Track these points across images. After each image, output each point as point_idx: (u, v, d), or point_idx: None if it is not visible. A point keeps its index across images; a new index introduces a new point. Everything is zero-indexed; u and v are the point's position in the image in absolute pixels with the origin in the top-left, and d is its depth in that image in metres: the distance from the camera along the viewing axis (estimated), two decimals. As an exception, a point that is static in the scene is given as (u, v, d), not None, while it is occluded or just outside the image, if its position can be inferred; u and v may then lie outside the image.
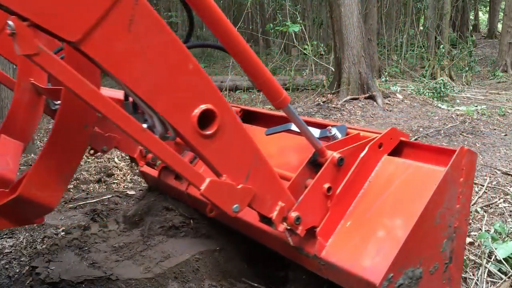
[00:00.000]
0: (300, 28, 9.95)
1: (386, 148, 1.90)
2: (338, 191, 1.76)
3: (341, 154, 1.78)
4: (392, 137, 1.91)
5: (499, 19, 22.58)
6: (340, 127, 2.04)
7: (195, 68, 1.33)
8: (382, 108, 7.83)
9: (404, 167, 1.81)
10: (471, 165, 1.75)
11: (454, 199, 1.72)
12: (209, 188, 1.42)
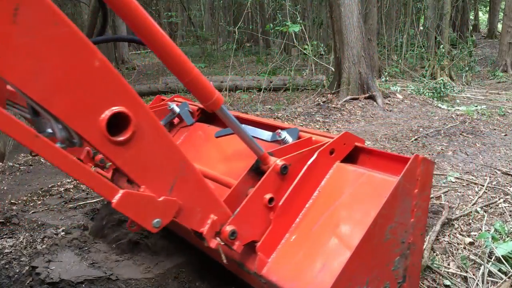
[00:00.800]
0: (300, 28, 9.94)
1: (339, 154, 1.75)
2: (281, 202, 1.60)
3: (286, 161, 1.61)
4: (345, 142, 1.77)
5: (499, 19, 22.57)
6: (292, 130, 1.91)
7: (102, 66, 1.18)
8: (382, 108, 7.83)
9: (355, 176, 1.65)
10: (427, 175, 1.59)
11: (408, 213, 1.56)
12: (122, 201, 1.25)
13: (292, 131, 1.91)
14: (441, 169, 4.78)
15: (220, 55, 18.49)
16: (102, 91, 1.19)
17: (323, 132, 1.90)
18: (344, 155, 1.77)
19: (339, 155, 1.76)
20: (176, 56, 1.31)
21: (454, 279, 2.67)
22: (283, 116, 7.46)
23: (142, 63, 19.22)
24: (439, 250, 3.01)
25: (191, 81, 1.37)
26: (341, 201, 1.61)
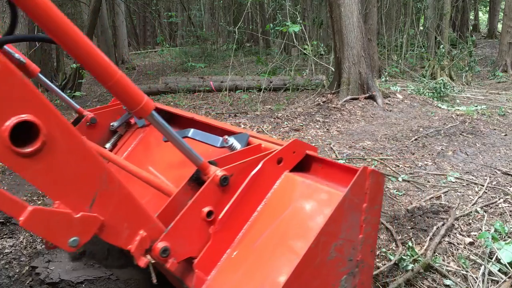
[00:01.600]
0: (300, 28, 9.94)
1: (288, 163, 1.62)
2: (221, 216, 1.48)
3: (227, 172, 1.48)
4: (295, 150, 1.63)
5: (499, 19, 22.57)
6: (241, 136, 1.78)
7: (4, 70, 1.03)
8: (382, 108, 7.82)
9: (302, 188, 1.54)
10: (377, 188, 1.49)
11: (356, 228, 1.46)
12: (30, 219, 1.12)
13: (241, 137, 1.78)
14: (441, 169, 4.78)
15: (220, 55, 18.49)
16: (4, 97, 1.05)
17: (275, 139, 1.79)
18: (294, 164, 1.64)
19: (288, 164, 1.63)
20: (95, 57, 1.20)
21: (454, 279, 2.67)
22: (283, 116, 7.46)
23: (142, 63, 19.23)
24: (439, 250, 3.01)
25: (115, 85, 1.26)
26: (286, 214, 1.50)
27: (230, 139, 1.76)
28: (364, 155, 5.35)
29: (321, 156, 1.64)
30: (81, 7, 16.32)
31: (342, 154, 5.40)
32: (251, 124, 7.11)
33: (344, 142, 6.03)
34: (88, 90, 13.59)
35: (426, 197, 4.00)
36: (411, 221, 3.44)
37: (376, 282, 2.66)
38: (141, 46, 25.79)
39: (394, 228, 3.33)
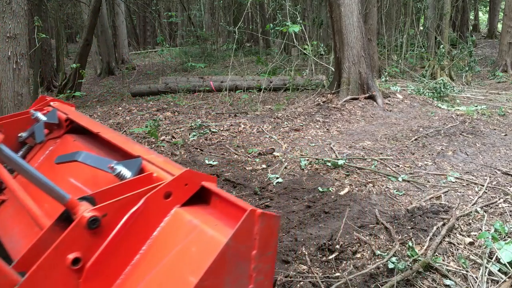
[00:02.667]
0: (300, 28, 9.94)
1: (179, 197, 1.40)
2: (90, 263, 1.26)
3: (98, 212, 1.25)
4: (187, 182, 1.42)
5: (499, 19, 22.57)
6: (131, 163, 1.53)
7: None
8: (382, 108, 7.83)
9: (188, 229, 1.33)
10: (270, 232, 1.29)
11: (244, 280, 1.27)
12: None
13: (132, 163, 1.53)
14: (441, 169, 4.78)
15: (220, 55, 18.49)
16: None
17: (173, 165, 1.52)
18: (186, 197, 1.43)
19: (179, 198, 1.40)
20: None
21: (454, 278, 2.67)
22: (283, 116, 7.46)
23: (142, 63, 19.23)
24: (439, 250, 3.01)
25: None
26: (167, 260, 1.29)
27: (117, 166, 1.49)
28: (364, 155, 5.35)
29: (216, 189, 1.42)
30: (81, 7, 16.32)
31: (342, 154, 5.40)
32: (251, 124, 7.11)
33: (344, 142, 6.03)
34: (88, 90, 13.60)
35: (426, 197, 4.00)
36: (411, 221, 3.44)
37: (375, 282, 2.67)
38: (141, 46, 25.79)
39: (394, 228, 3.33)
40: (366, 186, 4.27)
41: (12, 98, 5.64)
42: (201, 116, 7.88)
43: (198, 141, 6.35)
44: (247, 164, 5.24)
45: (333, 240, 3.16)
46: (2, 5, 5.46)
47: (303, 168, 4.97)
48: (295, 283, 2.68)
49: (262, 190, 4.41)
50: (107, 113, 8.56)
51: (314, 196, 4.15)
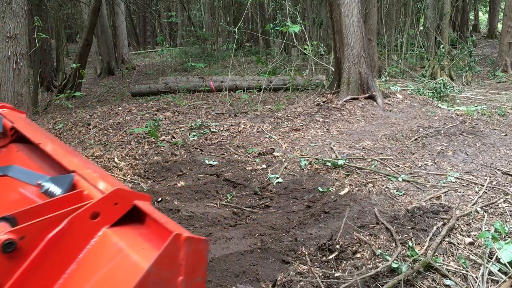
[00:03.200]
0: (300, 28, 9.94)
1: (108, 217, 1.29)
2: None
3: (15, 234, 1.17)
4: (118, 201, 1.32)
5: (499, 19, 22.57)
6: (62, 179, 1.42)
7: None
8: (382, 108, 7.82)
9: (113, 253, 1.25)
10: (198, 257, 1.22)
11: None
12: None
13: (63, 179, 1.42)
14: (441, 169, 4.78)
15: (220, 55, 18.49)
16: None
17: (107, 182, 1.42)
18: (116, 217, 1.33)
19: (108, 218, 1.30)
20: None
21: (454, 278, 2.67)
22: (283, 116, 7.46)
23: (142, 63, 19.23)
24: (439, 250, 3.01)
25: None
26: (88, 287, 1.21)
27: (46, 183, 1.38)
28: (364, 155, 5.35)
29: (148, 209, 1.34)
30: (81, 7, 16.32)
31: (342, 154, 5.39)
32: (251, 124, 7.11)
33: (344, 142, 6.03)
34: (88, 90, 13.60)
35: (426, 197, 4.00)
36: (411, 221, 3.44)
37: (375, 282, 2.67)
38: (141, 46, 25.79)
39: (394, 228, 3.33)
40: (366, 186, 4.27)
41: (12, 98, 5.64)
42: (201, 116, 7.88)
43: (198, 141, 6.35)
44: (247, 164, 5.24)
45: (333, 240, 3.16)
46: (2, 5, 5.46)
47: (303, 168, 4.96)
48: (295, 283, 2.68)
49: (262, 190, 4.41)
50: (107, 113, 8.56)
51: (314, 196, 4.15)
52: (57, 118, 8.71)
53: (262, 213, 3.85)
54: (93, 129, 7.46)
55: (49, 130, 7.81)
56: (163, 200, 4.09)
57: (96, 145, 6.52)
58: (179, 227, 1.19)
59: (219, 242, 3.15)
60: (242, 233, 3.35)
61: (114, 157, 5.62)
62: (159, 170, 5.14)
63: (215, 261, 2.86)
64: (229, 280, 2.69)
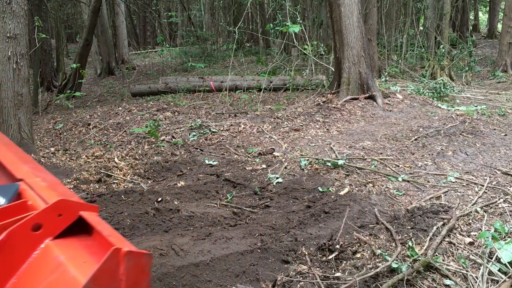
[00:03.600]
0: (300, 28, 9.94)
1: (51, 229, 1.24)
2: None
3: None
4: (62, 212, 1.26)
5: (499, 19, 22.57)
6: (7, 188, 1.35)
7: None
8: (382, 108, 7.82)
9: (53, 267, 1.20)
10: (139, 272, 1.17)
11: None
12: None
13: (8, 189, 1.35)
14: (441, 169, 4.78)
15: (220, 55, 18.49)
16: None
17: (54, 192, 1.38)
18: (60, 229, 1.27)
19: (51, 230, 1.24)
20: None
21: (454, 278, 2.67)
22: (283, 116, 7.46)
23: (142, 63, 19.23)
24: (439, 250, 3.01)
25: None
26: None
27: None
28: (364, 155, 5.35)
29: (92, 220, 1.29)
30: (81, 7, 16.32)
31: (342, 154, 5.39)
32: (251, 124, 7.11)
33: (344, 142, 6.03)
34: (88, 90, 13.59)
35: (426, 197, 4.00)
36: (411, 221, 3.44)
37: (375, 282, 2.67)
38: (141, 46, 25.79)
39: (394, 228, 3.33)
40: (366, 186, 4.27)
41: (12, 98, 5.64)
42: (201, 116, 7.88)
43: (198, 141, 6.35)
44: (247, 164, 5.24)
45: (333, 240, 3.16)
46: (2, 5, 5.46)
47: (303, 168, 4.97)
48: (295, 283, 2.68)
49: (262, 190, 4.41)
50: (107, 113, 8.56)
51: (314, 196, 4.15)
52: (57, 118, 8.71)
53: (262, 213, 3.86)
54: (93, 129, 7.46)
55: (49, 130, 7.81)
56: (163, 200, 4.09)
57: (96, 145, 6.52)
58: (123, 240, 1.14)
59: (219, 242, 3.15)
60: (242, 233, 3.35)
61: (114, 157, 5.62)
62: (159, 170, 5.14)
63: (215, 261, 2.86)
64: (229, 280, 2.69)
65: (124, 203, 4.00)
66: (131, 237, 3.29)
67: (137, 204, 3.96)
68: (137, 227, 3.45)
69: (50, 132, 7.64)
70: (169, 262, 2.82)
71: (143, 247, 3.08)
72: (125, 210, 3.77)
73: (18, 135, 5.66)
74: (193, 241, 3.16)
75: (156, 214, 3.69)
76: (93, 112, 8.75)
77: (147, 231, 3.41)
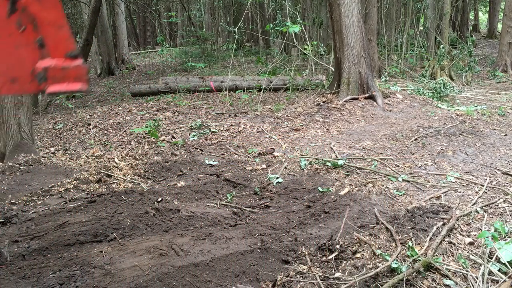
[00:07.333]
0: (300, 28, 9.93)
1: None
2: None
3: None
4: None
5: (499, 19, 22.57)
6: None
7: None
8: (382, 108, 7.82)
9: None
10: None
11: None
12: None
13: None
14: (441, 169, 4.78)
15: (220, 55, 18.49)
16: None
17: None
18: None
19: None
20: None
21: (454, 278, 2.67)
22: (283, 116, 7.46)
23: (142, 63, 19.22)
24: (439, 250, 3.01)
25: None
26: None
27: None
28: (364, 155, 5.35)
29: None
30: (81, 7, 16.32)
31: (342, 154, 5.39)
32: (251, 124, 7.11)
33: (344, 142, 6.03)
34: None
35: (426, 197, 4.00)
36: (411, 221, 3.44)
37: (375, 282, 2.67)
38: (141, 46, 25.78)
39: (394, 228, 3.33)
40: (366, 186, 4.27)
41: (12, 98, 5.64)
42: (201, 116, 7.88)
43: (198, 141, 6.35)
44: (247, 164, 5.24)
45: (333, 240, 3.15)
46: (2, 5, 5.46)
47: (303, 168, 4.96)
48: (295, 283, 2.68)
49: (262, 190, 4.41)
50: (107, 113, 8.56)
51: (314, 196, 4.15)
52: (57, 118, 8.71)
53: (262, 213, 3.85)
54: (93, 129, 7.47)
55: (49, 130, 7.81)
56: (163, 200, 4.09)
57: (96, 145, 6.52)
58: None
59: (219, 242, 3.15)
60: (242, 233, 3.35)
61: (114, 157, 5.62)
62: (159, 170, 5.14)
63: (215, 261, 2.86)
64: (229, 280, 2.69)
65: (124, 203, 4.00)
66: (131, 237, 3.29)
67: (137, 204, 3.96)
68: (137, 227, 3.45)
69: (50, 132, 7.64)
70: (169, 262, 2.82)
71: (143, 247, 3.08)
72: (125, 210, 3.76)
73: (18, 135, 5.66)
74: (193, 241, 3.16)
75: (156, 214, 3.69)
76: (93, 112, 8.75)
77: (147, 231, 3.41)
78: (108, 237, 3.28)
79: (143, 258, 2.90)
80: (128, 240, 3.24)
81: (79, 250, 3.10)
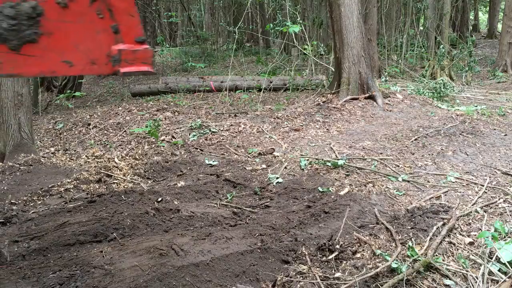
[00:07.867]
0: (300, 28, 9.93)
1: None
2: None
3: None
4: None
5: (499, 19, 22.56)
6: None
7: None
8: (382, 108, 7.82)
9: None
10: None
11: None
12: None
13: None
14: (441, 169, 4.78)
15: (220, 55, 18.48)
16: None
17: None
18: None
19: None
20: None
21: (454, 278, 2.67)
22: (283, 116, 7.46)
23: (142, 63, 19.19)
24: (439, 250, 3.01)
25: None
26: None
27: None
28: (364, 155, 5.35)
29: None
30: (81, 7, 16.29)
31: (342, 154, 5.39)
32: (251, 124, 7.11)
33: (344, 142, 6.03)
34: (88, 90, 13.59)
35: (426, 197, 4.00)
36: (411, 221, 3.44)
37: (375, 282, 2.67)
38: (141, 46, 25.73)
39: (394, 228, 3.33)
40: (366, 186, 4.27)
41: (12, 98, 5.64)
42: (201, 116, 7.88)
43: (198, 141, 6.35)
44: (247, 164, 5.24)
45: (333, 240, 3.15)
46: (2, 5, 5.46)
47: (303, 168, 4.96)
48: (295, 283, 2.68)
49: (262, 190, 4.41)
50: (107, 113, 8.56)
51: (314, 196, 4.15)
52: (57, 118, 8.71)
53: (262, 213, 3.85)
54: (93, 129, 7.46)
55: (49, 130, 7.81)
56: (163, 200, 4.09)
57: (96, 145, 6.52)
58: None
59: (219, 242, 3.15)
60: (242, 233, 3.35)
61: (114, 157, 5.62)
62: (159, 170, 5.14)
63: (215, 261, 2.86)
64: (229, 280, 2.69)
65: (124, 203, 4.00)
66: (131, 237, 3.29)
67: (137, 204, 3.96)
68: (137, 227, 3.45)
69: (50, 132, 7.64)
70: (169, 262, 2.82)
71: (143, 247, 3.08)
72: (125, 210, 3.76)
73: (18, 135, 5.66)
74: (193, 241, 3.16)
75: (156, 214, 3.69)
76: (93, 112, 8.75)
77: (147, 231, 3.41)
78: (108, 237, 3.28)
79: (143, 258, 2.90)
80: (128, 240, 3.24)
81: (79, 250, 3.10)
